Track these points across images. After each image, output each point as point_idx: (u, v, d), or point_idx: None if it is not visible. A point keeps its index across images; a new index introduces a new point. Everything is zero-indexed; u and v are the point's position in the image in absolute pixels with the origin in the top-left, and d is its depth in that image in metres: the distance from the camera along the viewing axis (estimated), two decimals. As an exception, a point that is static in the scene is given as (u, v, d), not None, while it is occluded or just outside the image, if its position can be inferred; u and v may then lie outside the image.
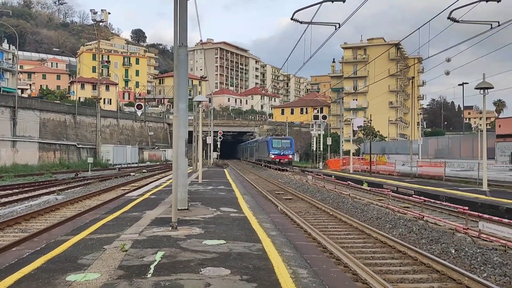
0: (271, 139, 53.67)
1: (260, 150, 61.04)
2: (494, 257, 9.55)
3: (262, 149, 58.60)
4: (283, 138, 55.43)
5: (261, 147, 59.94)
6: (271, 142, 52.79)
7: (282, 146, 51.91)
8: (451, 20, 15.52)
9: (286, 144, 52.74)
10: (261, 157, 58.99)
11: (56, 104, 61.07)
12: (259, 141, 64.23)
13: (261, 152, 59.06)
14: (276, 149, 51.55)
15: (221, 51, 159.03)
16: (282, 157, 51.10)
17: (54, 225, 12.75)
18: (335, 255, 9.63)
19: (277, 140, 53.53)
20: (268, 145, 53.04)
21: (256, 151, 66.66)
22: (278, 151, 51.31)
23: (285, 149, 52.00)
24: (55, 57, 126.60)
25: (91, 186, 27.43)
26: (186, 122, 12.46)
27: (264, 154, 56.05)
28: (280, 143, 52.33)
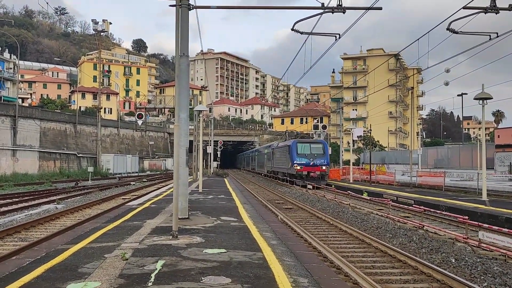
0: (295, 142, 38.36)
1: (275, 159, 45.93)
2: (494, 267, 9.55)
3: (279, 157, 43.75)
4: (313, 142, 40.03)
5: (277, 155, 44.86)
6: (295, 147, 37.52)
7: (311, 153, 36.89)
8: (450, 31, 15.62)
9: (317, 150, 37.42)
10: (278, 169, 44.58)
11: (57, 113, 61.16)
12: (274, 147, 48.22)
13: (278, 161, 44.42)
14: (302, 157, 36.76)
15: (222, 61, 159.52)
16: (312, 169, 36.16)
17: (54, 234, 12.75)
18: (336, 264, 9.62)
19: (304, 144, 38.29)
20: (290, 151, 37.90)
21: (268, 160, 51.66)
22: (306, 160, 36.55)
23: (316, 157, 36.79)
24: (56, 66, 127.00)
25: (91, 195, 27.41)
26: (187, 131, 12.50)
27: (283, 165, 41.48)
28: (308, 149, 37.56)
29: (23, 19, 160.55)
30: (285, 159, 40.02)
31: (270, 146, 51.96)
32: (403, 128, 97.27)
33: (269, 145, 55.82)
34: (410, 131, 61.66)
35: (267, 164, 53.05)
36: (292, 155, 37.18)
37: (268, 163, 51.69)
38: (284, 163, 40.54)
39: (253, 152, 73.90)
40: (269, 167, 51.17)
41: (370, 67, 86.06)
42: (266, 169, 53.56)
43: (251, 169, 75.01)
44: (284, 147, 41.44)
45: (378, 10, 13.41)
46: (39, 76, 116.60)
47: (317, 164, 36.18)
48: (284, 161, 40.56)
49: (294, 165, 36.36)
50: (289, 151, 38.31)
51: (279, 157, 43.40)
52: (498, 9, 14.16)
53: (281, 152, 42.30)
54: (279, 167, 43.82)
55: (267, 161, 53.31)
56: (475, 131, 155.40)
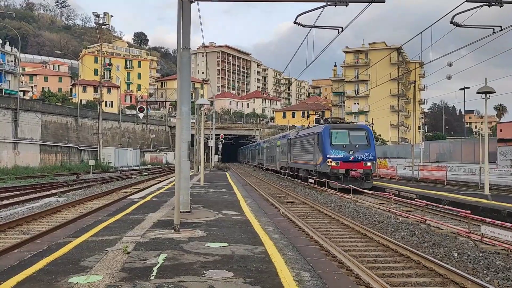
0: (328, 128, 27.43)
1: (294, 153, 35.75)
2: (497, 261, 9.52)
3: (300, 150, 33.42)
4: (353, 128, 28.76)
5: (297, 147, 34.51)
6: (327, 135, 27.06)
7: (351, 143, 26.77)
8: (453, 25, 15.52)
9: (360, 139, 27.20)
10: (298, 164, 34.37)
11: (58, 106, 61.14)
12: (292, 136, 37.37)
13: (298, 155, 34.16)
14: (339, 149, 26.63)
15: (223, 54, 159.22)
16: (354, 165, 26.29)
17: (56, 227, 12.75)
18: (338, 258, 9.60)
19: (341, 131, 27.60)
20: (321, 141, 27.45)
21: (282, 154, 41.67)
22: (344, 154, 26.48)
23: (359, 148, 26.68)
24: (57, 59, 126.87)
25: (93, 189, 27.42)
26: (189, 124, 12.46)
27: (307, 160, 31.09)
28: (346, 137, 27.11)
29: (24, 12, 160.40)
30: (311, 152, 29.65)
31: (286, 136, 41.03)
32: (405, 122, 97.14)
33: (283, 134, 45.69)
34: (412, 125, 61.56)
35: (280, 158, 42.83)
36: (323, 146, 26.68)
37: (283, 158, 41.29)
38: (309, 158, 30.31)
39: (259, 144, 65.47)
40: (283, 162, 40.78)
41: (372, 61, 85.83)
42: (279, 165, 43.53)
43: (257, 164, 66.71)
44: (309, 135, 30.77)
45: (381, 3, 13.30)
46: (40, 69, 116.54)
47: (359, 159, 26.20)
48: (309, 154, 30.33)
49: (327, 160, 26.00)
50: (317, 140, 27.84)
51: (301, 150, 33.08)
52: (502, 2, 14.04)
53: (305, 143, 31.90)
54: (300, 162, 33.45)
55: (280, 155, 43.37)
56: (477, 125, 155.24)
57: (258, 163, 65.48)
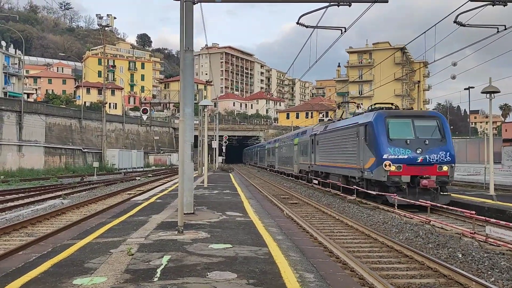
0: (382, 117, 19.04)
1: (321, 152, 27.92)
2: (502, 262, 9.48)
3: (333, 148, 25.46)
4: (419, 115, 20.22)
5: (327, 145, 26.67)
6: (383, 125, 18.77)
7: (417, 138, 18.37)
8: (457, 24, 15.48)
9: (430, 132, 18.88)
10: (328, 168, 26.41)
11: (62, 108, 61.35)
12: (318, 131, 29.21)
13: (328, 155, 26.42)
14: (400, 146, 18.22)
15: (226, 55, 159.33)
16: (424, 171, 18.04)
17: (60, 229, 12.79)
18: (342, 260, 9.58)
19: (402, 120, 19.30)
20: (371, 134, 19.24)
21: (303, 154, 33.79)
22: (409, 153, 18.11)
23: (429, 145, 18.35)
24: (60, 61, 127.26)
25: (97, 191, 27.48)
26: (192, 126, 12.47)
27: (345, 161, 23.06)
28: (410, 129, 18.73)
29: (27, 14, 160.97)
30: (351, 152, 21.61)
31: (307, 131, 32.93)
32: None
33: (302, 130, 37.71)
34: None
35: (300, 160, 34.91)
36: (376, 143, 18.55)
37: (303, 159, 33.48)
38: (348, 159, 22.11)
39: (270, 143, 58.79)
40: (304, 164, 32.98)
41: (376, 61, 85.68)
42: (298, 168, 35.83)
43: (267, 166, 59.98)
44: (347, 128, 22.55)
45: (384, 3, 13.29)
46: (44, 72, 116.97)
47: (432, 161, 18.01)
48: (348, 155, 22.16)
49: (384, 163, 17.78)
50: (365, 134, 19.64)
51: (333, 148, 25.14)
52: (506, 2, 13.99)
53: (340, 139, 23.69)
54: (332, 165, 25.23)
55: (299, 156, 35.26)
56: (482, 125, 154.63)
57: (268, 165, 58.01)
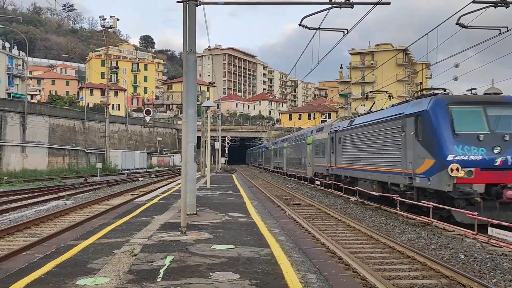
0: (443, 104, 14.25)
1: (348, 152, 23.30)
2: (504, 263, 9.49)
3: (364, 146, 20.57)
4: (494, 102, 14.56)
5: (355, 142, 22.13)
6: (444, 115, 14.01)
7: (493, 132, 13.74)
8: (459, 26, 15.49)
9: (509, 122, 13.94)
10: (356, 173, 21.80)
11: (65, 109, 61.49)
12: (337, 128, 25.47)
13: (356, 155, 21.88)
14: (470, 144, 13.53)
15: (229, 57, 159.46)
16: (506, 177, 13.21)
17: (63, 230, 12.84)
18: (344, 260, 9.61)
19: (471, 108, 14.32)
20: (430, 127, 14.32)
21: (319, 153, 29.63)
22: (483, 153, 13.44)
23: (510, 142, 13.52)
24: (64, 63, 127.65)
25: (100, 191, 27.55)
26: (195, 127, 12.51)
27: (381, 164, 18.47)
28: (482, 120, 13.99)
29: (31, 16, 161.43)
30: (392, 151, 17.39)
31: (325, 128, 28.48)
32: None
33: (318, 127, 32.18)
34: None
35: (315, 161, 30.37)
36: (435, 138, 14.32)
37: (319, 161, 29.04)
38: (387, 161, 17.84)
39: (277, 143, 54.36)
40: (321, 167, 28.61)
41: (379, 62, 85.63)
42: (312, 171, 31.25)
43: (274, 168, 55.58)
44: (389, 120, 17.76)
45: (386, 5, 13.32)
46: (47, 73, 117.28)
47: None
48: (387, 155, 17.87)
49: (450, 166, 13.45)
50: (416, 127, 15.46)
51: (365, 147, 20.31)
52: (508, 3, 14.01)
53: (376, 134, 19.06)
54: (361, 169, 20.83)
55: (313, 157, 30.86)
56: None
57: (276, 166, 53.60)
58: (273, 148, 56.96)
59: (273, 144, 58.06)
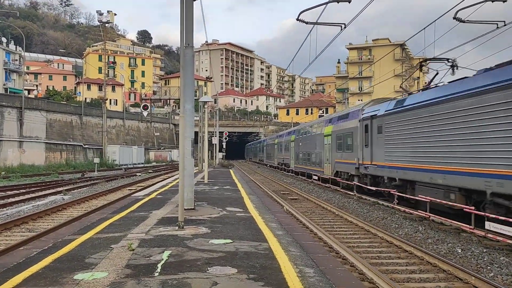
0: None
1: (399, 146, 16.87)
2: (501, 257, 9.53)
3: (447, 130, 13.35)
4: None
5: (426, 125, 14.69)
6: None
7: None
8: (456, 20, 15.48)
9: None
10: (411, 174, 15.70)
11: (63, 105, 61.32)
12: (374, 112, 19.69)
13: (424, 143, 14.79)
14: None
15: (227, 52, 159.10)
16: None
17: (61, 225, 12.83)
18: (342, 255, 9.63)
19: None
20: None
21: (340, 150, 24.59)
22: None
23: None
24: (61, 58, 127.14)
25: (98, 186, 27.54)
26: (192, 122, 12.50)
27: (487, 160, 11.33)
28: None
29: (28, 10, 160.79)
30: (500, 140, 10.93)
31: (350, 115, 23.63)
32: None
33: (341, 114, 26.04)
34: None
35: (336, 157, 25.31)
36: None
37: (344, 156, 23.91)
38: (484, 156, 11.61)
39: (282, 136, 47.69)
40: (345, 165, 23.71)
41: (376, 57, 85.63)
42: (331, 169, 26.29)
43: (277, 165, 49.81)
44: (491, 91, 11.34)
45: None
46: (44, 68, 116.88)
47: None
48: (489, 146, 11.38)
49: None
50: None
51: (434, 136, 14.32)
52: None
53: (460, 116, 12.82)
54: (423, 168, 14.94)
55: (335, 152, 25.64)
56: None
57: (280, 163, 47.70)
58: (277, 142, 49.66)
59: (278, 137, 50.40)
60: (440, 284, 7.84)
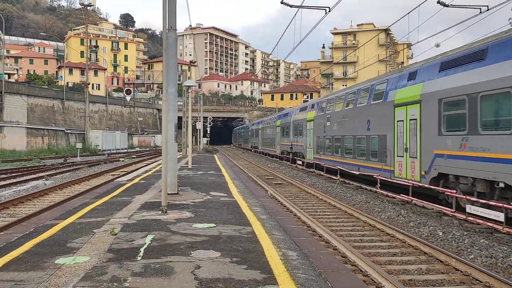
0: None
1: None
2: (481, 239, 9.69)
3: None
4: None
5: None
6: None
7: None
8: (440, 5, 15.53)
9: None
10: None
11: (44, 89, 60.37)
12: None
13: None
14: None
15: (211, 36, 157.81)
16: None
17: (42, 210, 12.70)
18: (325, 238, 9.70)
19: None
20: None
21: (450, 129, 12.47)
22: None
23: None
24: (42, 41, 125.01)
25: (80, 172, 27.28)
26: (176, 106, 12.38)
27: None
28: None
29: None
30: None
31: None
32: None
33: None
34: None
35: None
36: None
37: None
38: None
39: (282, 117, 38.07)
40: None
41: (360, 42, 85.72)
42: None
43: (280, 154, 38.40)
44: None
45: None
46: (25, 52, 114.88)
47: None
48: None
49: None
50: None
51: None
52: (489, -17, 14.01)
53: None
54: None
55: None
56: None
57: (287, 151, 35.60)
58: (281, 124, 38.18)
59: (279, 117, 39.20)
60: (421, 266, 7.95)
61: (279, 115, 41.47)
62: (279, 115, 40.81)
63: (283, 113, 39.67)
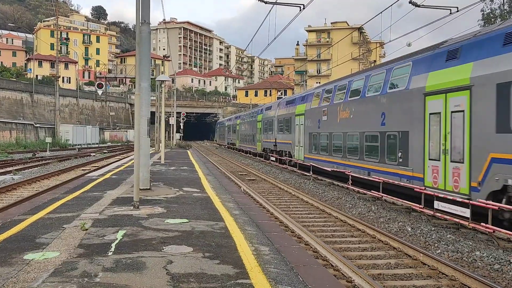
0: None
1: None
2: (448, 234, 9.94)
3: None
4: None
5: None
6: None
7: None
8: (412, 5, 15.80)
9: None
10: None
11: (12, 81, 58.93)
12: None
13: None
14: None
15: (185, 31, 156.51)
16: None
17: (10, 205, 12.42)
18: (297, 234, 9.79)
19: None
20: None
21: None
22: None
23: None
24: (10, 32, 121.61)
25: (50, 166, 26.77)
26: (148, 101, 12.28)
27: None
28: None
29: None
30: None
31: None
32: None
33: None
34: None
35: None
36: None
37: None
38: None
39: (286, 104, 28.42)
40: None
41: (334, 40, 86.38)
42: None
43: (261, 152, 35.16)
44: None
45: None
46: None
47: None
48: None
49: None
50: None
51: None
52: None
53: None
54: None
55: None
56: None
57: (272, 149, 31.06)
58: (260, 119, 35.39)
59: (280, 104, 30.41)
60: (390, 261, 8.11)
61: (260, 109, 37.51)
62: (261, 109, 36.91)
63: (265, 106, 35.79)
